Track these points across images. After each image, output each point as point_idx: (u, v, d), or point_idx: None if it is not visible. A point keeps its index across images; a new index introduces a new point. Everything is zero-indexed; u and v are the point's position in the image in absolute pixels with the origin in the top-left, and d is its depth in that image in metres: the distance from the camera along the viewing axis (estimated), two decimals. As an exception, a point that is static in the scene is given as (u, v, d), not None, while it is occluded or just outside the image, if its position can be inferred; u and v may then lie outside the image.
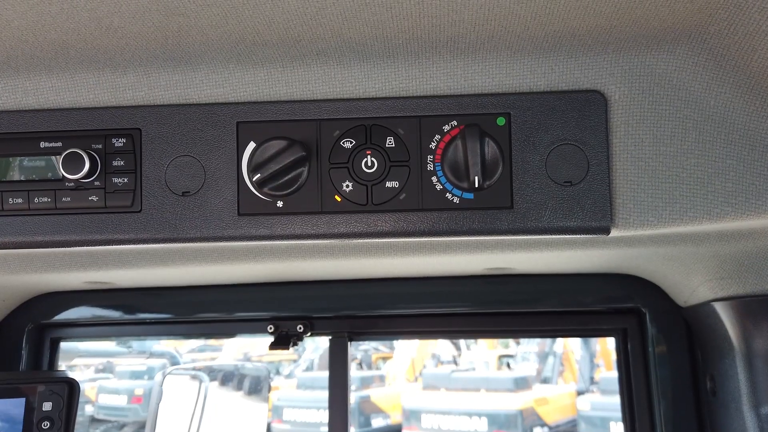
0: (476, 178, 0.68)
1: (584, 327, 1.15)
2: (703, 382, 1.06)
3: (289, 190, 0.72)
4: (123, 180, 0.73)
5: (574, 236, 0.71)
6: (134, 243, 0.74)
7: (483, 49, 0.69)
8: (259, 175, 0.70)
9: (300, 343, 1.18)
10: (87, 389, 9.35)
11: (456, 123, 0.72)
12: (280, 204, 0.73)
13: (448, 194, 0.71)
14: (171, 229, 0.73)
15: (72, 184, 0.73)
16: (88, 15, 0.62)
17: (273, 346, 1.15)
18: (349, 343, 1.20)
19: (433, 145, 0.72)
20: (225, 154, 0.73)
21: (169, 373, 1.74)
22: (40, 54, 0.69)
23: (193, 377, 2.23)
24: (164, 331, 1.23)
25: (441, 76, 0.72)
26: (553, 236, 0.71)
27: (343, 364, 1.19)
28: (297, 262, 0.95)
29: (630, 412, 1.12)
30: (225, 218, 0.73)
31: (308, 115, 0.73)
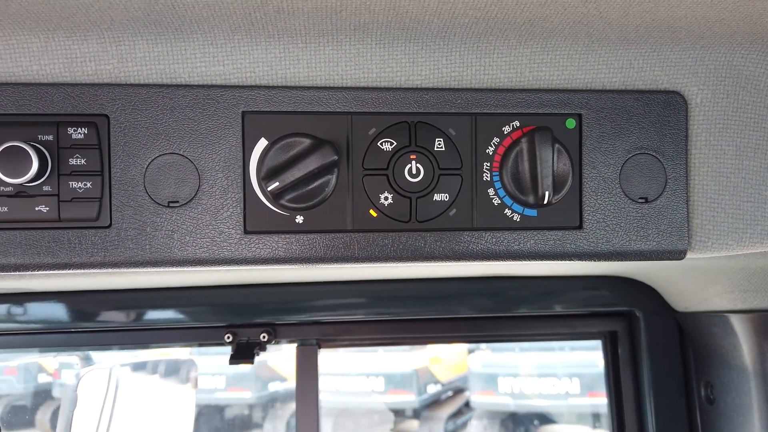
0: (546, 192, 0.56)
1: (572, 330, 1.08)
2: (695, 388, 1.03)
3: (312, 202, 0.56)
4: (85, 184, 0.54)
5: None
6: (101, 267, 0.55)
7: (559, 36, 0.57)
8: (276, 183, 0.54)
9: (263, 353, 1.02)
10: (-48, 362, 8.53)
11: (518, 124, 0.59)
12: (299, 219, 0.57)
13: (507, 210, 0.59)
14: (154, 249, 0.55)
15: (11, 189, 0.53)
16: None
17: (234, 359, 0.98)
18: (318, 351, 1.06)
19: (490, 150, 0.59)
20: (227, 154, 0.56)
21: (84, 375, 1.52)
22: None
23: (103, 369, 1.99)
24: (94, 341, 1.03)
25: (502, 65, 0.58)
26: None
27: (312, 375, 1.05)
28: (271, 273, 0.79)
29: (619, 417, 1.08)
30: (227, 237, 0.56)
31: (337, 107, 0.57)
